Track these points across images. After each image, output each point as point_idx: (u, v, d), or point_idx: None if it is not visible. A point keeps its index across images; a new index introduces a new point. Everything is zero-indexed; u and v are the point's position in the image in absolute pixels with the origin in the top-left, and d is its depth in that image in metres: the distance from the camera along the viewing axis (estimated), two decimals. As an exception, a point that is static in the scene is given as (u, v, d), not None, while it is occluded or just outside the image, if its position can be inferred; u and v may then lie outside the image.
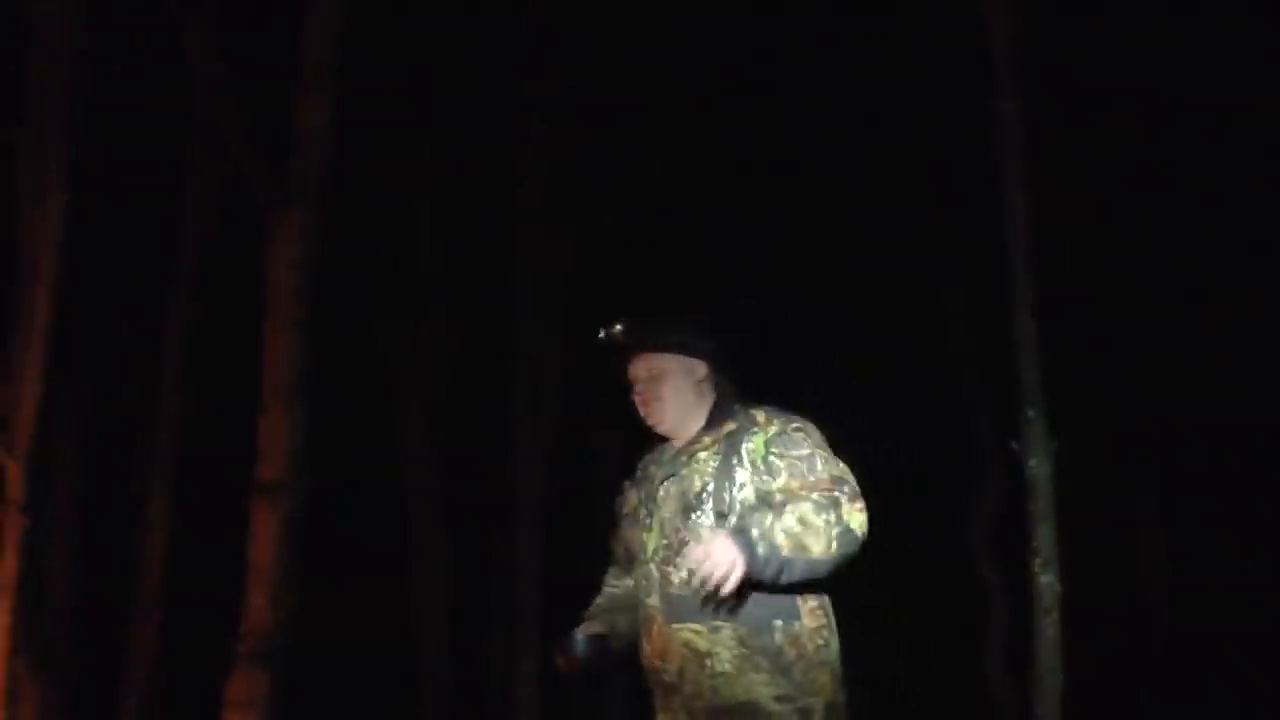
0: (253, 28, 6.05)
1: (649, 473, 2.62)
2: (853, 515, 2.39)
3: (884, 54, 7.83)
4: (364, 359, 8.41)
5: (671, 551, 2.48)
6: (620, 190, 8.06)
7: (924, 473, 8.76)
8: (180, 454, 6.73)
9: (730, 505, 2.43)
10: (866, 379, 8.74)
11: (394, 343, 8.47)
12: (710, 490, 2.45)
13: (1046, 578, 4.61)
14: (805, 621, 2.44)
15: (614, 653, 2.64)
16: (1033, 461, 4.63)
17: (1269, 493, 7.93)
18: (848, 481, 2.43)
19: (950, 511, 8.86)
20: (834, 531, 2.35)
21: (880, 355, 8.79)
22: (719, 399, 2.58)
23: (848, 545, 2.36)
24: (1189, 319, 8.05)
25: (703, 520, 2.44)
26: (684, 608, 2.45)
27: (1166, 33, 7.25)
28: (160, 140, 6.85)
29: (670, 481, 2.53)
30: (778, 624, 2.42)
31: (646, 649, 2.54)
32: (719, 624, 2.42)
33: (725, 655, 2.41)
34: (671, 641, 2.46)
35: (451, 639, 8.36)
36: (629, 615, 2.66)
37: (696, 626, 2.43)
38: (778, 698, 2.39)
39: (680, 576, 2.45)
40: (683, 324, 2.62)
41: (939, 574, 9.02)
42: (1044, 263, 4.80)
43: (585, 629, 2.63)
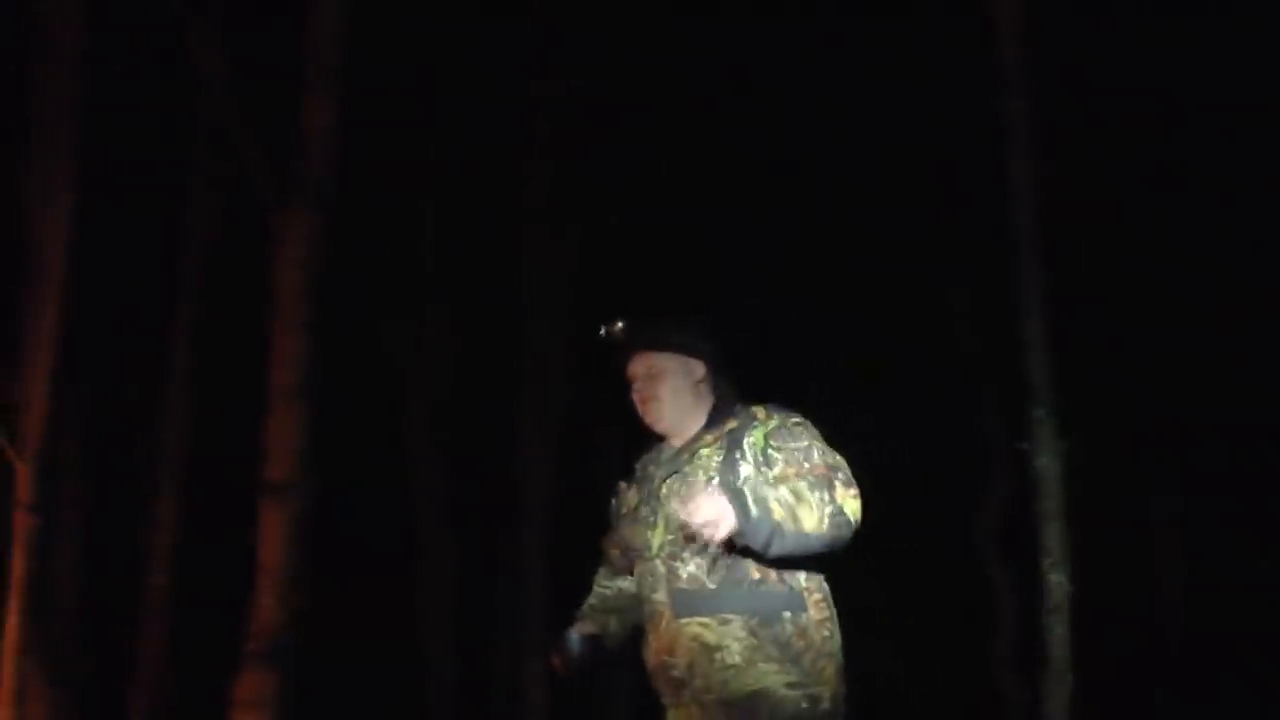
0: (257, 29, 6.06)
1: (648, 472, 2.62)
2: (847, 500, 2.40)
3: (888, 55, 7.82)
4: (370, 359, 8.42)
5: (677, 547, 2.49)
6: (626, 190, 8.05)
7: (932, 473, 8.74)
8: (188, 454, 6.74)
9: None
10: (874, 379, 8.73)
11: (400, 343, 8.48)
12: (715, 485, 2.45)
13: (1056, 577, 4.61)
14: (812, 613, 2.46)
15: (607, 652, 2.65)
16: (1042, 460, 4.64)
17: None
18: (842, 470, 2.45)
19: (958, 511, 8.84)
20: (827, 509, 2.36)
21: (888, 355, 8.77)
22: (719, 399, 2.59)
23: (840, 527, 2.37)
24: (1204, 318, 8.02)
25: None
26: (692, 602, 2.45)
27: (1176, 31, 7.23)
28: (166, 141, 6.87)
29: (674, 479, 2.53)
30: (787, 615, 2.43)
31: (653, 645, 2.53)
32: (728, 616, 2.42)
33: (735, 647, 2.42)
34: (680, 636, 2.46)
35: (457, 639, 8.37)
36: (620, 616, 2.68)
37: (705, 620, 2.44)
38: (789, 685, 2.40)
39: (689, 571, 2.46)
40: (682, 324, 2.62)
41: (947, 574, 9.00)
42: (1055, 262, 4.80)
43: (578, 629, 2.65)
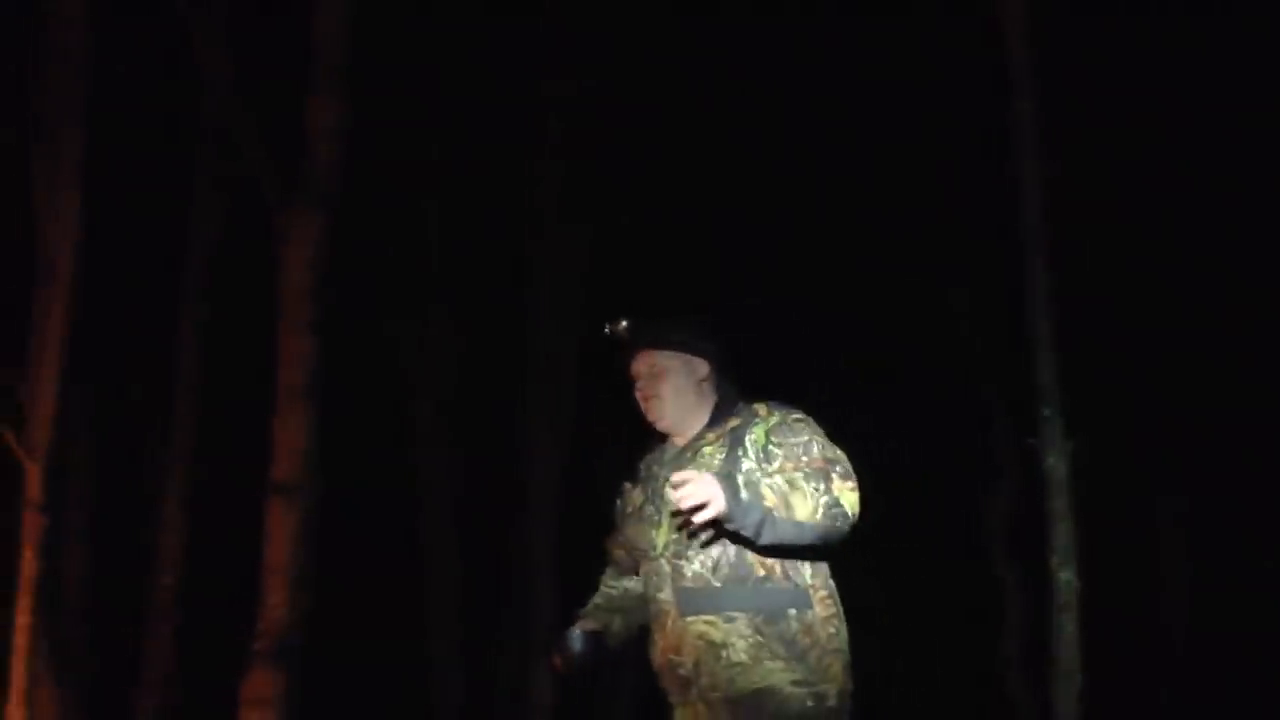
0: (262, 28, 6.06)
1: (652, 471, 2.62)
2: (844, 492, 2.37)
3: (888, 55, 7.80)
4: (376, 359, 8.42)
5: (682, 546, 2.48)
6: (633, 190, 8.04)
7: (937, 473, 8.73)
8: (194, 455, 6.74)
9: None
10: (875, 379, 8.71)
11: (406, 343, 8.48)
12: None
13: (1065, 575, 4.60)
14: (817, 610, 2.45)
15: (610, 650, 2.65)
16: (1050, 459, 4.62)
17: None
18: (841, 463, 2.44)
19: (964, 511, 8.83)
20: (822, 500, 2.34)
21: (888, 355, 8.75)
22: (722, 397, 2.59)
23: (836, 519, 2.35)
24: (1210, 318, 7.99)
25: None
26: (697, 600, 2.45)
27: (1183, 31, 7.20)
28: (171, 142, 6.87)
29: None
30: (792, 612, 2.42)
31: (659, 644, 2.53)
32: (733, 614, 2.42)
33: (741, 645, 2.41)
34: (686, 634, 2.46)
35: (463, 638, 8.37)
36: (625, 616, 2.68)
37: (710, 618, 2.43)
38: (794, 682, 2.40)
39: (694, 569, 2.46)
40: (685, 323, 2.63)
41: (953, 574, 8.99)
42: (1060, 262, 4.78)
43: (580, 626, 2.64)
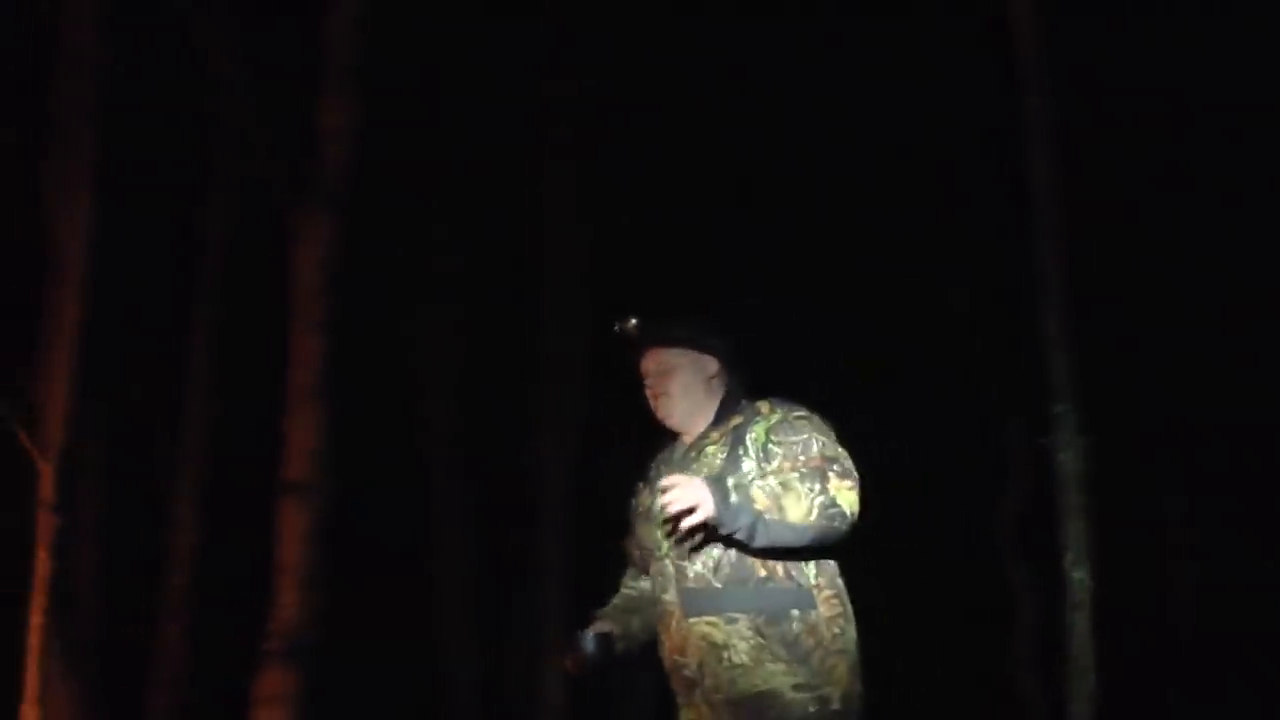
0: (274, 29, 6.07)
1: (661, 471, 2.62)
2: (840, 491, 2.34)
3: (888, 55, 7.78)
4: (387, 359, 8.43)
5: (682, 547, 2.47)
6: (634, 190, 8.04)
7: (943, 472, 8.71)
8: (207, 454, 6.76)
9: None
10: (883, 379, 8.69)
11: (417, 343, 8.49)
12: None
13: (1078, 573, 4.58)
14: (821, 610, 2.42)
15: (623, 652, 2.63)
16: (1063, 455, 4.61)
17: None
18: (839, 461, 2.40)
19: (976, 511, 8.80)
20: (816, 500, 2.31)
21: (896, 355, 8.73)
22: (728, 395, 2.58)
23: (833, 519, 2.32)
24: (1217, 318, 7.97)
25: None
26: (700, 601, 2.44)
27: (1196, 27, 7.18)
28: (183, 142, 6.89)
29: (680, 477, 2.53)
30: (794, 613, 2.40)
31: (666, 645, 2.53)
32: (735, 615, 2.41)
33: (742, 647, 2.40)
34: (690, 635, 2.45)
35: (474, 638, 8.37)
36: (642, 616, 2.66)
37: (712, 619, 2.42)
38: (796, 686, 2.38)
39: (696, 570, 2.45)
40: (693, 320, 2.61)
41: (965, 574, 8.96)
42: (1070, 260, 4.77)
43: (595, 628, 2.63)
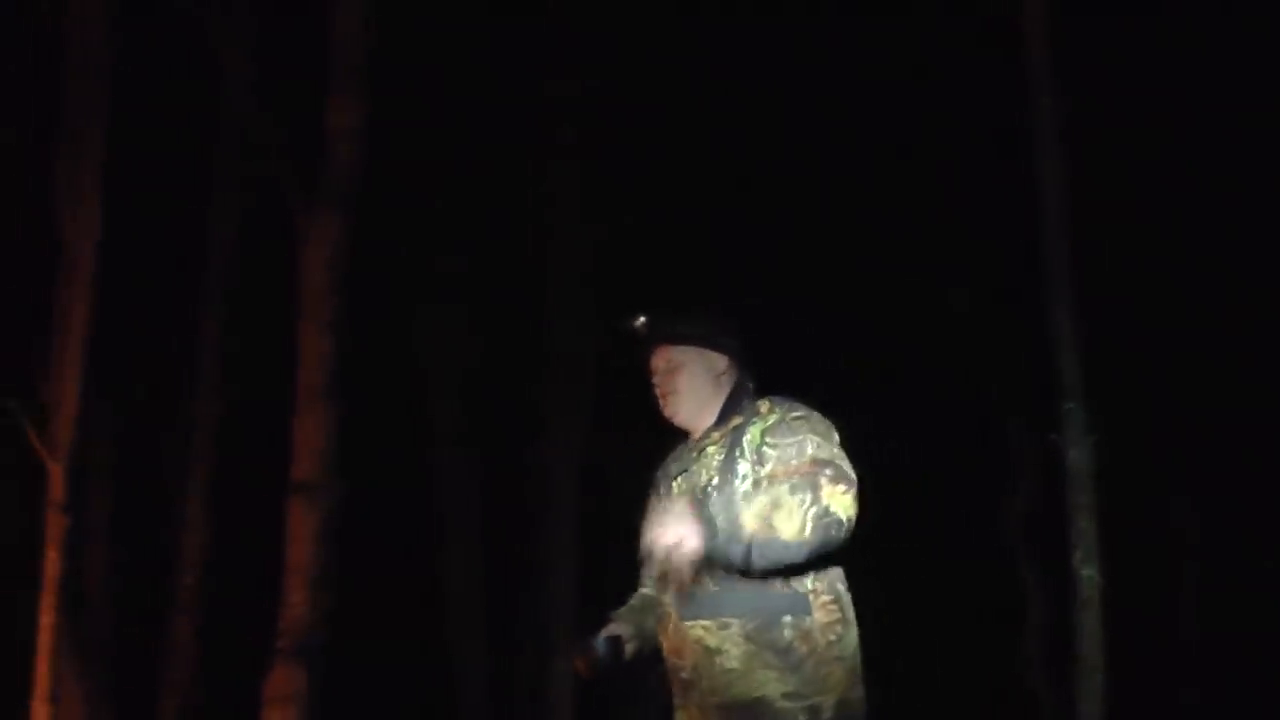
0: (282, 29, 6.09)
1: (668, 471, 2.60)
2: (834, 497, 2.26)
3: (889, 55, 7.76)
4: (396, 359, 8.44)
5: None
6: (636, 190, 8.04)
7: (949, 472, 8.69)
8: (216, 454, 6.78)
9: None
10: (886, 380, 8.67)
11: (426, 343, 8.50)
12: (715, 485, 2.41)
13: (1087, 571, 4.57)
14: (817, 616, 2.36)
15: (634, 654, 2.59)
16: (1072, 453, 4.59)
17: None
18: (833, 464, 2.31)
19: (984, 511, 8.79)
20: (809, 512, 2.24)
21: (896, 355, 8.71)
22: (733, 393, 2.54)
23: (828, 528, 2.25)
24: (1225, 317, 7.93)
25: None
26: (695, 604, 2.40)
27: (1205, 28, 7.14)
28: (192, 143, 6.91)
29: (682, 478, 2.51)
30: (787, 619, 2.35)
31: (665, 646, 2.51)
32: (727, 620, 2.37)
33: (734, 652, 2.36)
34: (685, 638, 2.43)
35: (483, 638, 8.38)
36: (657, 615, 2.62)
37: (706, 623, 2.39)
38: (785, 695, 2.33)
39: None
40: (702, 317, 2.58)
41: (973, 573, 8.95)
42: (1079, 260, 4.75)
43: (607, 630, 2.59)
